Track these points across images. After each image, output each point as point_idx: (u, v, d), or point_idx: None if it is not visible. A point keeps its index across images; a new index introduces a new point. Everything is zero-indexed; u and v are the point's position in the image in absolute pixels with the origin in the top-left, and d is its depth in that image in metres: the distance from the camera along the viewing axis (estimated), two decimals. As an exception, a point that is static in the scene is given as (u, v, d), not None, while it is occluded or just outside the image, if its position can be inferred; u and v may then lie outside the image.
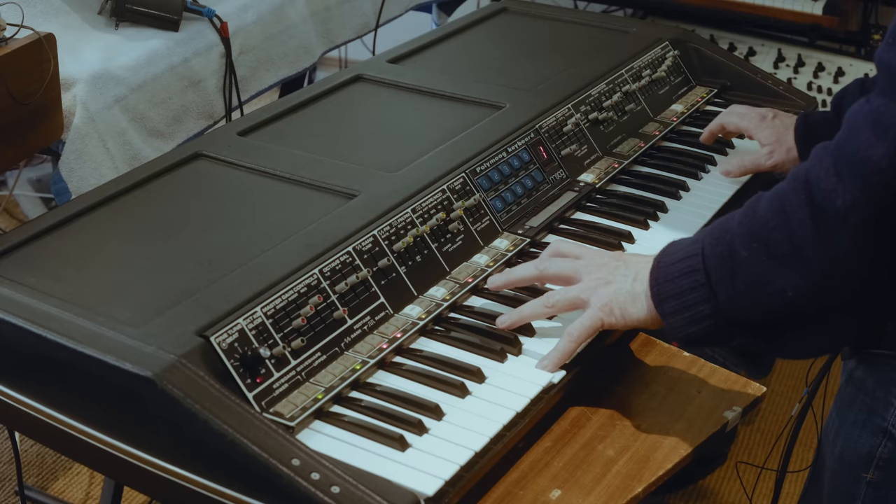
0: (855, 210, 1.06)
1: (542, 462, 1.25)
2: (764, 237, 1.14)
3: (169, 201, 1.50)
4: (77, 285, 1.29)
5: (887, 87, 1.05)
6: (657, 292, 1.23)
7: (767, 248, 1.13)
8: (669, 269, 1.22)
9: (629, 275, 1.28)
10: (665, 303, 1.22)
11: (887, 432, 1.24)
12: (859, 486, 1.28)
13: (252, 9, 2.30)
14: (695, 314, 1.19)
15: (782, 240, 1.12)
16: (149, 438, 1.14)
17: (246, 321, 1.22)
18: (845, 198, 1.06)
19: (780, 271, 1.12)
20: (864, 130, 1.06)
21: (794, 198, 1.11)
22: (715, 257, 1.18)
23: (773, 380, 2.96)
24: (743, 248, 1.15)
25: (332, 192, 1.50)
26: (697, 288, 1.19)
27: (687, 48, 2.08)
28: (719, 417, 1.33)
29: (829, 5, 3.05)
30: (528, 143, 1.67)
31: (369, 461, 1.14)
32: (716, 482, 2.63)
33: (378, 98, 1.84)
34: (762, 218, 1.14)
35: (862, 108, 1.08)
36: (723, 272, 1.17)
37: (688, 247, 1.22)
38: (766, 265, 1.13)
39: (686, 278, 1.20)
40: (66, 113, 1.89)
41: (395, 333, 1.32)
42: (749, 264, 1.14)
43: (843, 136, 1.09)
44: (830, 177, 1.08)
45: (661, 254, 1.25)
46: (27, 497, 2.35)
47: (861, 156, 1.05)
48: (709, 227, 1.23)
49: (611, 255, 1.35)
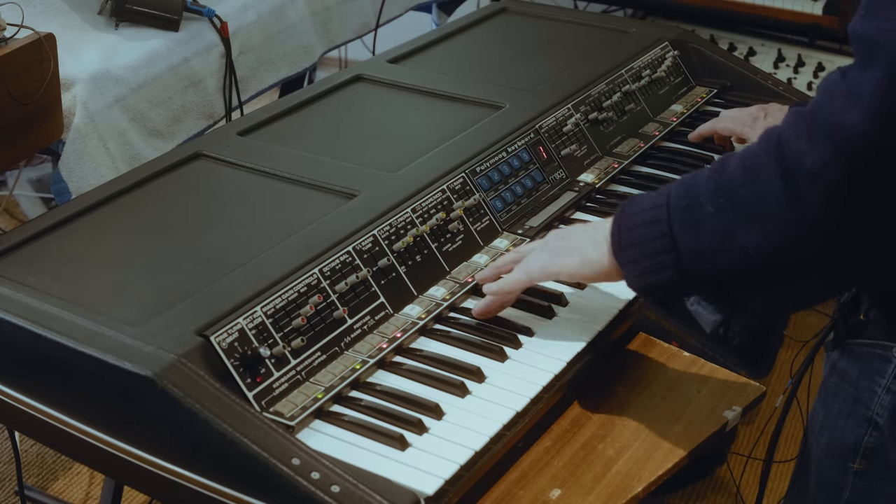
0: (825, 173, 1.06)
1: (542, 461, 1.25)
2: (731, 193, 1.13)
3: (169, 201, 1.50)
4: (77, 285, 1.29)
5: (861, 57, 1.06)
6: (618, 240, 1.22)
7: (734, 204, 1.13)
8: (633, 217, 1.21)
9: (589, 230, 1.30)
10: (625, 251, 1.21)
11: (872, 421, 1.24)
12: (846, 477, 1.28)
13: (252, 9, 2.30)
14: (655, 263, 1.19)
15: (750, 197, 1.11)
16: (149, 438, 1.14)
17: (246, 321, 1.22)
18: (815, 160, 1.06)
19: (745, 228, 1.12)
20: (838, 96, 1.06)
21: (764, 157, 1.11)
22: (680, 209, 1.17)
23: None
24: (709, 202, 1.15)
25: (332, 192, 1.50)
26: (659, 238, 1.18)
27: (687, 48, 2.08)
28: (719, 417, 1.33)
29: (829, 5, 3.05)
30: (527, 143, 1.67)
31: (369, 460, 1.14)
32: (716, 482, 2.63)
33: (378, 98, 1.84)
34: (731, 175, 1.14)
35: (837, 74, 1.09)
36: (686, 224, 1.16)
37: (653, 198, 1.22)
38: (731, 221, 1.13)
39: (648, 227, 1.19)
40: (66, 113, 1.89)
41: (395, 333, 1.32)
42: (714, 219, 1.14)
43: (817, 100, 1.09)
44: (803, 139, 1.08)
45: (627, 203, 1.25)
46: (27, 497, 2.35)
47: (834, 120, 1.05)
48: (676, 181, 1.22)
49: (576, 226, 1.37)
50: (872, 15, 1.05)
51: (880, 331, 1.23)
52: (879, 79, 1.02)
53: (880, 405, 1.24)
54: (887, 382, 1.23)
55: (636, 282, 1.22)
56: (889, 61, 1.02)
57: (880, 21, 1.04)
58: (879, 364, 1.23)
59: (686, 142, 1.88)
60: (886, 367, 1.23)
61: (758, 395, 1.37)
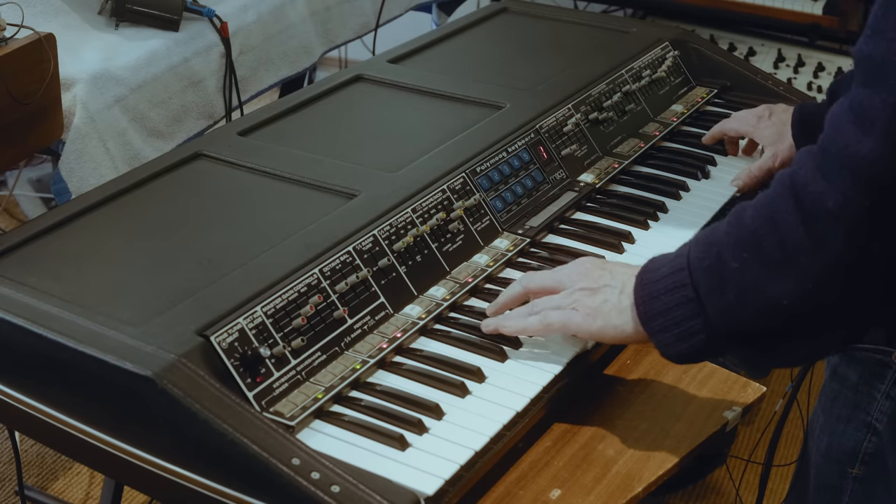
0: (848, 209, 1.03)
1: (542, 462, 1.25)
2: (754, 246, 1.10)
3: (169, 201, 1.50)
4: (77, 285, 1.29)
5: (868, 79, 1.02)
6: (644, 311, 1.19)
7: (758, 256, 1.09)
8: (655, 285, 1.18)
9: (615, 286, 1.24)
10: (653, 320, 1.18)
11: (871, 427, 1.24)
12: (846, 482, 1.28)
13: (252, 9, 2.30)
14: (684, 330, 1.16)
15: (773, 247, 1.08)
16: (149, 438, 1.14)
17: (246, 321, 1.22)
18: (836, 198, 1.03)
19: (773, 279, 1.08)
20: (848, 126, 1.03)
21: (781, 204, 1.08)
22: (703, 270, 1.14)
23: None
24: (732, 258, 1.11)
25: (332, 192, 1.50)
26: (686, 303, 1.15)
27: (687, 48, 2.08)
28: (719, 417, 1.33)
29: (829, 5, 3.05)
30: (528, 143, 1.67)
31: (369, 460, 1.14)
32: (716, 482, 2.63)
33: (378, 98, 1.84)
34: (750, 227, 1.11)
35: (843, 104, 1.05)
36: (712, 284, 1.13)
37: (672, 261, 1.18)
38: (758, 274, 1.09)
39: (673, 294, 1.16)
40: (66, 113, 1.89)
41: (395, 333, 1.32)
42: (740, 274, 1.11)
43: (827, 135, 1.06)
44: (818, 180, 1.04)
45: (644, 270, 1.22)
46: (27, 497, 2.35)
47: (848, 153, 1.02)
48: (691, 240, 1.19)
49: (593, 262, 1.31)
50: (880, 35, 1.01)
51: (880, 336, 1.23)
52: (892, 103, 0.99)
53: (879, 411, 1.23)
54: (886, 388, 1.23)
55: (668, 350, 1.19)
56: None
57: (888, 41, 1.00)
58: (879, 369, 1.23)
59: (686, 142, 1.88)
60: (886, 373, 1.23)
61: (758, 396, 1.37)
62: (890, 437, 1.22)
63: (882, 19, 1.01)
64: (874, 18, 1.02)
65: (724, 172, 1.79)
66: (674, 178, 1.76)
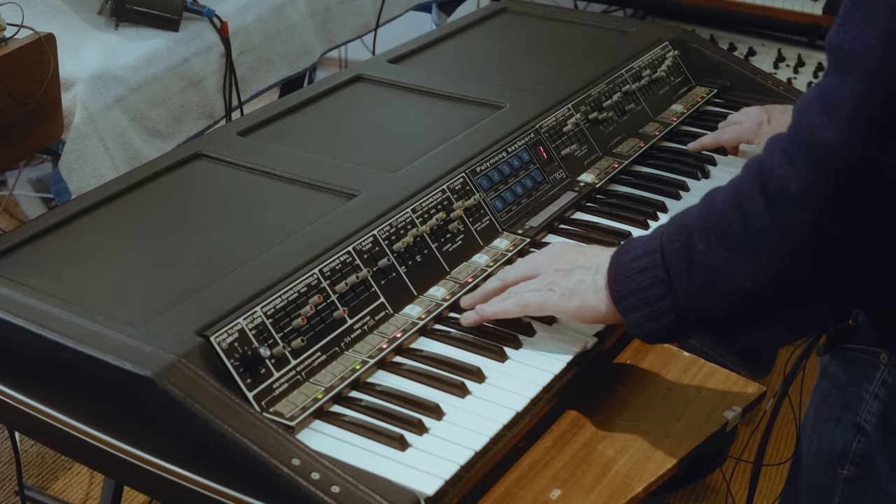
0: (810, 195, 1.04)
1: (542, 462, 1.25)
2: (721, 230, 1.12)
3: (169, 201, 1.50)
4: (77, 285, 1.29)
5: (837, 67, 1.04)
6: (616, 289, 1.22)
7: (725, 240, 1.12)
8: (628, 265, 1.21)
9: (590, 267, 1.27)
10: (624, 299, 1.21)
11: (860, 427, 1.24)
12: (836, 482, 1.28)
13: (252, 9, 2.30)
14: (654, 310, 1.18)
15: (739, 231, 1.10)
16: (149, 438, 1.14)
17: (246, 321, 1.22)
18: (799, 183, 1.04)
19: (737, 263, 1.11)
20: (815, 114, 1.04)
21: (748, 189, 1.10)
22: (673, 252, 1.16)
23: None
24: (700, 241, 1.14)
25: (332, 192, 1.50)
26: (657, 283, 1.18)
27: (687, 48, 2.08)
28: (719, 417, 1.33)
29: (829, 5, 3.05)
30: (528, 143, 1.67)
31: (369, 461, 1.14)
32: (715, 482, 2.63)
33: (378, 98, 1.84)
34: (719, 211, 1.13)
35: (812, 92, 1.07)
36: (681, 266, 1.15)
37: (646, 242, 1.21)
38: (724, 257, 1.12)
39: (645, 274, 1.19)
40: (66, 113, 1.89)
41: (395, 333, 1.32)
42: (707, 257, 1.13)
43: (794, 122, 1.08)
44: (784, 164, 1.06)
45: (620, 250, 1.24)
46: (27, 497, 2.35)
47: (813, 139, 1.03)
48: (667, 222, 1.21)
49: (566, 245, 1.35)
50: (848, 24, 1.03)
51: (869, 336, 1.23)
52: (858, 92, 1.00)
53: (868, 411, 1.23)
54: (875, 388, 1.23)
55: (638, 329, 1.21)
56: (866, 72, 1.00)
57: (857, 31, 1.01)
58: (868, 370, 1.23)
59: (686, 142, 1.88)
60: (874, 373, 1.23)
61: (758, 396, 1.37)
62: (879, 437, 1.22)
63: (852, 10, 1.03)
64: (844, 9, 1.04)
65: (723, 172, 1.79)
66: (674, 178, 1.76)
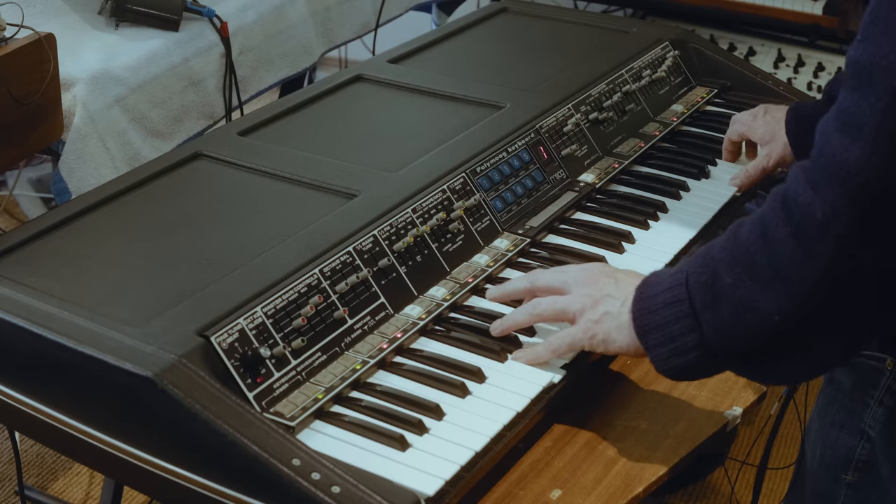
0: (836, 219, 1.00)
1: (543, 462, 1.25)
2: (747, 262, 1.09)
3: (169, 201, 1.50)
4: (77, 285, 1.29)
5: (857, 84, 1.00)
6: (640, 324, 1.18)
7: (750, 272, 1.08)
8: (653, 299, 1.17)
9: (618, 298, 1.23)
10: (649, 335, 1.17)
11: (865, 434, 1.23)
12: (839, 488, 1.27)
13: (252, 9, 2.30)
14: (679, 345, 1.14)
15: (765, 262, 1.07)
16: (149, 438, 1.14)
17: (246, 321, 1.22)
18: (825, 209, 1.01)
19: (764, 295, 1.07)
20: (836, 135, 1.01)
21: (773, 218, 1.07)
22: (699, 286, 1.13)
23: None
24: (726, 274, 1.10)
25: (332, 192, 1.50)
26: (682, 318, 1.14)
27: (687, 48, 2.08)
28: (720, 417, 1.33)
29: (829, 5, 3.05)
30: (528, 143, 1.67)
31: (370, 461, 1.14)
32: (715, 482, 2.63)
33: (378, 98, 1.84)
34: (744, 243, 1.10)
35: (830, 113, 1.03)
36: (707, 300, 1.12)
37: (672, 276, 1.17)
38: (750, 290, 1.08)
39: (670, 308, 1.15)
40: (66, 113, 1.89)
41: (396, 333, 1.32)
42: (733, 290, 1.09)
43: (816, 146, 1.04)
44: (807, 191, 1.03)
45: (644, 284, 1.20)
46: (27, 497, 2.35)
47: (836, 162, 1.00)
48: (693, 255, 1.18)
49: (602, 269, 1.30)
50: (868, 39, 0.99)
51: (875, 343, 1.22)
52: (880, 108, 0.97)
53: (873, 418, 1.23)
54: (880, 395, 1.22)
55: (663, 365, 1.17)
56: (888, 89, 0.96)
57: (877, 46, 0.98)
58: (873, 376, 1.22)
59: (686, 142, 1.88)
60: (879, 380, 1.22)
61: (758, 396, 1.37)
62: (883, 444, 1.22)
63: (871, 25, 0.99)
64: (864, 24, 1.01)
65: (724, 172, 1.79)
66: (674, 178, 1.76)
